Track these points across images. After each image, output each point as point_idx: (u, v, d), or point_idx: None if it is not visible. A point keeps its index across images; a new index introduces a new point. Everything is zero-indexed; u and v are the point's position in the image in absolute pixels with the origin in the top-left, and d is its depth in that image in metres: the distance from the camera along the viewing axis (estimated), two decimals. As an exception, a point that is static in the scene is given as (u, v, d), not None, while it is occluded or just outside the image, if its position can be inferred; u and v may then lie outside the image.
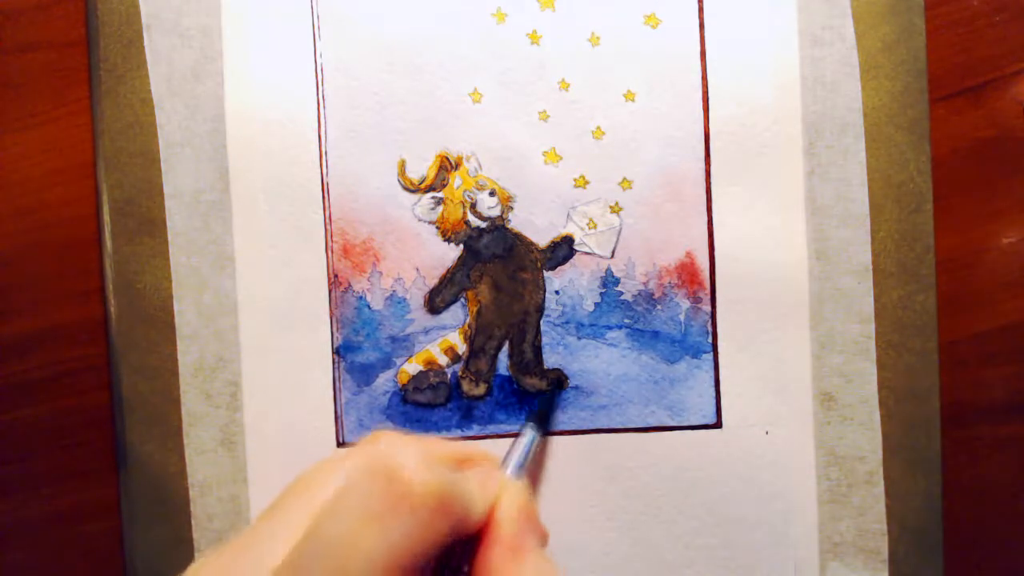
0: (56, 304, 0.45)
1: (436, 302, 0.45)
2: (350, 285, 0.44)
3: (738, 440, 0.44)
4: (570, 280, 0.45)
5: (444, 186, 0.44)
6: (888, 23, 0.44)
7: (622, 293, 0.45)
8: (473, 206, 0.45)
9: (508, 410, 0.45)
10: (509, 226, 0.45)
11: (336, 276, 0.44)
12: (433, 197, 0.44)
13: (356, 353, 0.45)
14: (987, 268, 0.45)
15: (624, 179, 0.44)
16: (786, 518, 0.44)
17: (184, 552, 0.44)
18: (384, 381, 0.45)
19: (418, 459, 0.24)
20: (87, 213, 0.45)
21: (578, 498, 0.45)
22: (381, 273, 0.45)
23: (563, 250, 0.45)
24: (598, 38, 0.44)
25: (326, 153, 0.44)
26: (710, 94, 0.44)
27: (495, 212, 0.45)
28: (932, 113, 0.44)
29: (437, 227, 0.45)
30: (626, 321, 0.45)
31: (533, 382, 0.45)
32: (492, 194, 0.44)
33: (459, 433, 0.45)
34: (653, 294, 0.45)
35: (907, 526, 0.44)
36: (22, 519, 0.45)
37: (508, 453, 0.36)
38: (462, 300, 0.45)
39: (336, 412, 0.44)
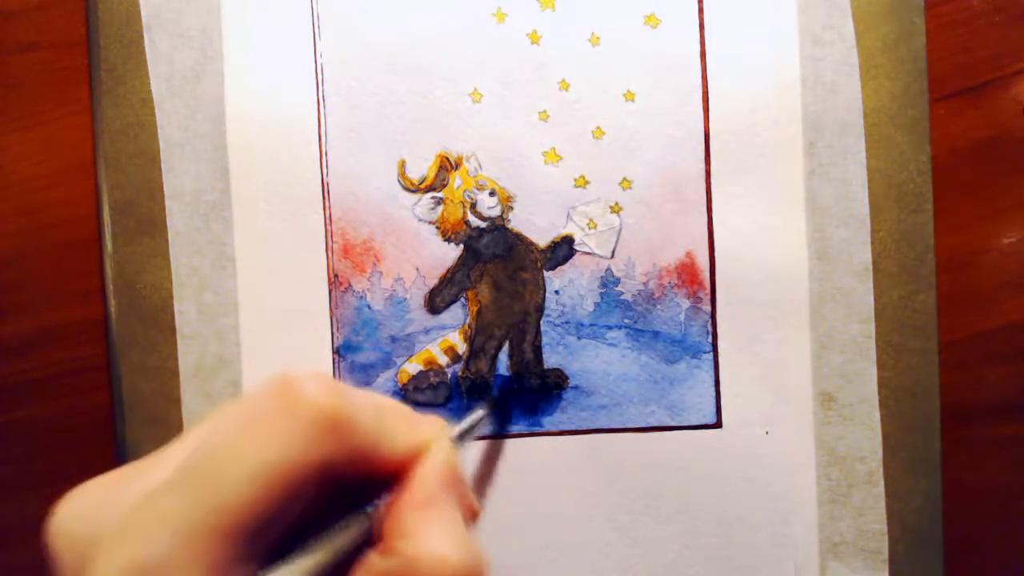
0: (56, 304, 0.45)
1: (436, 302, 0.45)
2: (350, 285, 0.44)
3: (738, 440, 0.44)
4: (570, 280, 0.45)
5: (444, 186, 0.44)
6: (888, 23, 0.44)
7: (622, 293, 0.45)
8: (473, 206, 0.44)
9: (508, 410, 0.45)
10: (509, 226, 0.45)
11: (336, 276, 0.44)
12: (433, 197, 0.44)
13: (356, 353, 0.45)
14: (987, 268, 0.45)
15: (624, 179, 0.44)
16: (786, 518, 0.44)
17: (184, 552, 0.44)
18: (384, 381, 0.45)
19: (320, 381, 0.22)
20: (87, 213, 0.45)
21: (578, 498, 0.45)
22: (381, 273, 0.44)
23: (563, 250, 0.45)
24: (598, 38, 0.44)
25: (326, 153, 0.44)
26: (710, 94, 0.44)
27: (495, 212, 0.45)
28: (932, 113, 0.44)
29: (437, 227, 0.45)
30: (626, 321, 0.45)
31: (533, 383, 0.45)
32: (492, 194, 0.44)
33: (459, 433, 0.45)
34: (653, 294, 0.45)
35: (907, 526, 0.44)
36: (22, 519, 0.45)
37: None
38: (462, 300, 0.45)
39: (336, 412, 0.44)
